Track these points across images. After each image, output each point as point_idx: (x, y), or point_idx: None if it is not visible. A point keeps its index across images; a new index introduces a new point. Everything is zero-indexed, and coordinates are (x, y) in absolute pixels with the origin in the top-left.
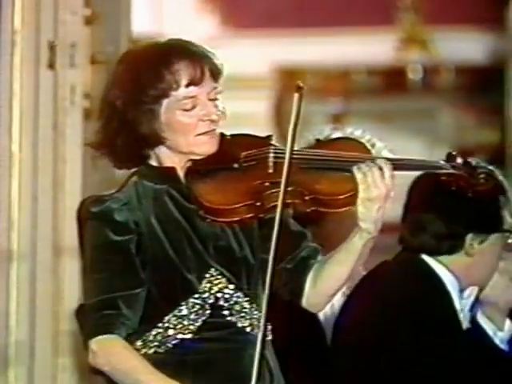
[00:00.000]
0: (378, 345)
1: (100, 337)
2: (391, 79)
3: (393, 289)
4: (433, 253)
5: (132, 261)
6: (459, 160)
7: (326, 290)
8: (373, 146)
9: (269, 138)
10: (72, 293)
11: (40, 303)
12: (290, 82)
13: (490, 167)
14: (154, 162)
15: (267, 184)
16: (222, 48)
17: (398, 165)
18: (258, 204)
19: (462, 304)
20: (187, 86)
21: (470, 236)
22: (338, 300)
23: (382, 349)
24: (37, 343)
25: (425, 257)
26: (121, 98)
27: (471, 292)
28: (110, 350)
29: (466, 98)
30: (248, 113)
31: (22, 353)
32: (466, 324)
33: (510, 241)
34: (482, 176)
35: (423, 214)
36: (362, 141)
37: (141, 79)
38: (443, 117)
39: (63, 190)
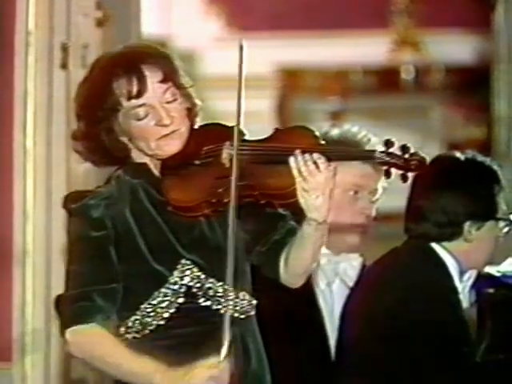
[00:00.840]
0: (390, 321)
1: (75, 327)
2: (386, 79)
3: (404, 271)
4: (435, 239)
5: (107, 256)
6: (395, 148)
7: (296, 269)
8: (368, 140)
9: (233, 127)
10: None
11: (55, 293)
12: (292, 81)
13: (423, 155)
14: (132, 160)
15: (222, 180)
16: (227, 49)
17: (334, 155)
18: (214, 201)
19: (462, 285)
20: (129, 100)
21: (468, 223)
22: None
23: (393, 325)
24: (52, 331)
25: (433, 244)
26: (81, 116)
27: (470, 275)
28: (85, 339)
29: (455, 97)
30: (252, 111)
31: (39, 340)
32: (465, 304)
33: (505, 230)
34: (413, 163)
35: (425, 204)
36: (313, 129)
37: (90, 103)
38: (434, 114)
39: (77, 184)
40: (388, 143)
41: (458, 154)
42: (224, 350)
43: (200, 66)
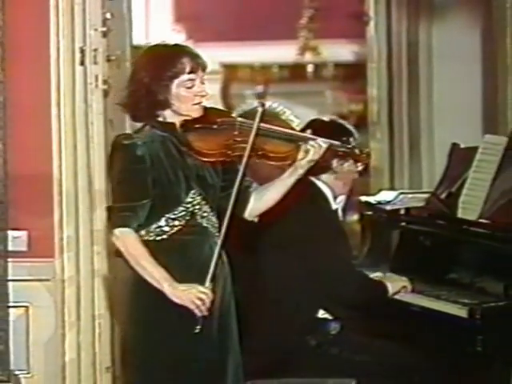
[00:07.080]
0: (290, 226)
1: (121, 228)
2: (295, 72)
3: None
4: (315, 174)
5: (144, 182)
6: (354, 143)
7: (264, 206)
8: (284, 112)
9: (230, 111)
10: (101, 209)
11: (82, 214)
12: (231, 74)
13: (367, 150)
14: (160, 119)
15: (235, 140)
16: None
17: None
18: (229, 152)
19: (336, 205)
20: (189, 73)
21: (335, 160)
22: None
23: (291, 229)
24: (80, 237)
25: (312, 178)
26: (147, 76)
27: (341, 199)
28: (126, 239)
29: (342, 84)
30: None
31: (71, 243)
32: (340, 218)
33: (360, 168)
34: (364, 155)
35: None
36: (284, 118)
37: (162, 65)
38: (327, 96)
39: (93, 142)
40: (346, 141)
41: (324, 117)
42: (209, 278)
43: None
